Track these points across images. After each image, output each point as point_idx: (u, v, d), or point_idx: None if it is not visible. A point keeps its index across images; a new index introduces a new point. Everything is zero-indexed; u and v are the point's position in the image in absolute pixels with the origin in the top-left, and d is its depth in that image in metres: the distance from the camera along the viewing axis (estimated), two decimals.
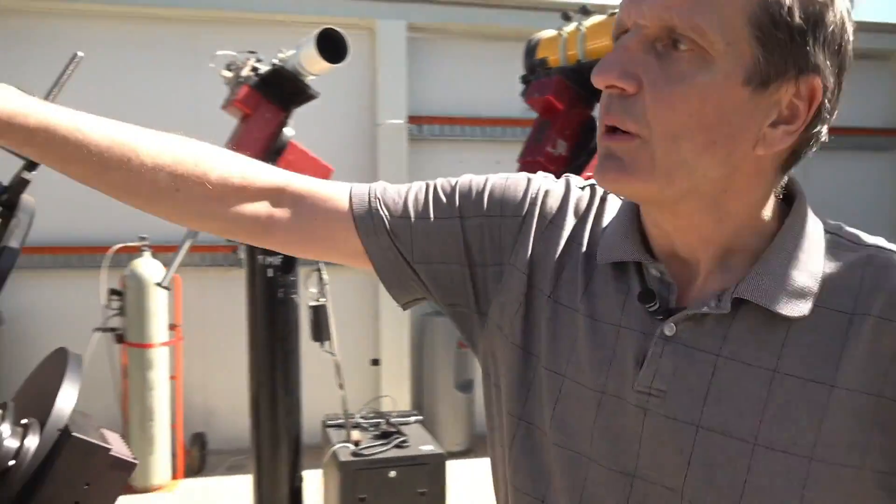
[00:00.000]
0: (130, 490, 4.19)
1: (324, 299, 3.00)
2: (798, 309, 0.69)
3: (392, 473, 2.83)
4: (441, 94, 4.89)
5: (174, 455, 4.37)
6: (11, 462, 0.78)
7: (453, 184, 0.88)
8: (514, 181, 0.87)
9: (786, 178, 0.74)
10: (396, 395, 4.71)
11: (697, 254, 0.73)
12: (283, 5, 4.74)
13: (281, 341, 2.87)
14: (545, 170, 2.57)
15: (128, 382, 4.19)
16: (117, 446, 0.88)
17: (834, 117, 0.70)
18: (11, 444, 0.78)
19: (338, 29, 2.72)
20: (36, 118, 0.73)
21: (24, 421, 0.84)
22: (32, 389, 0.95)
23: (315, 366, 3.23)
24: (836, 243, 0.72)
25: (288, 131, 2.88)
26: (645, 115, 0.65)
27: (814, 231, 0.72)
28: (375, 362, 4.80)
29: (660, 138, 0.66)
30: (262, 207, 0.85)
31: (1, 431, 0.79)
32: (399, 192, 0.88)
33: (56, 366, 0.90)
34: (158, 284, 2.90)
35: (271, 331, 2.86)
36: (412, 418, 3.30)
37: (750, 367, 0.70)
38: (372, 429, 3.13)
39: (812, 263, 0.71)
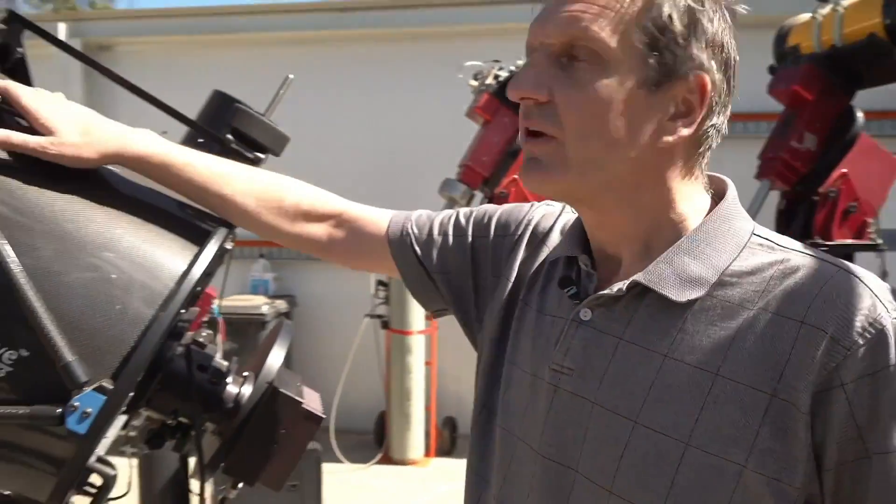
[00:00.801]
0: (389, 461, 4.67)
1: None
2: (685, 294, 0.74)
3: None
4: None
5: (427, 434, 4.78)
6: (231, 404, 0.99)
7: (471, 211, 1.04)
8: (517, 207, 1.01)
9: (724, 181, 0.82)
10: None
11: (620, 248, 0.81)
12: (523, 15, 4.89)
13: None
14: (788, 167, 2.34)
15: (390, 365, 4.68)
16: (311, 402, 1.07)
17: (728, 110, 0.77)
18: (233, 390, 0.99)
19: None
20: (159, 157, 0.95)
21: (244, 374, 1.06)
22: (260, 351, 1.17)
23: None
24: (759, 244, 0.77)
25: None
26: (558, 119, 0.73)
27: (736, 230, 0.77)
28: None
29: (571, 138, 0.74)
30: (322, 229, 1.05)
31: (227, 380, 1.01)
32: (430, 216, 1.04)
33: (276, 334, 1.11)
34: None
35: None
36: None
37: (645, 351, 0.74)
38: None
39: (718, 258, 0.76)
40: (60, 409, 0.77)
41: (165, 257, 0.89)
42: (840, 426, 0.67)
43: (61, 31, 5.35)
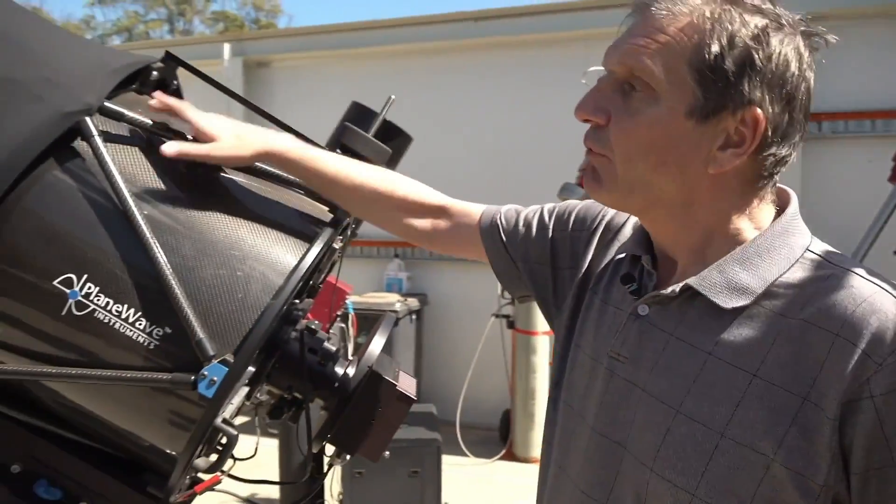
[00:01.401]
0: (512, 457, 4.77)
1: None
2: (732, 302, 0.80)
3: None
4: (845, 86, 4.37)
5: None
6: (337, 384, 1.15)
7: (554, 207, 1.14)
8: (595, 204, 1.07)
9: (788, 194, 0.87)
10: None
11: (675, 252, 0.87)
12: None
13: None
14: None
15: (515, 363, 4.78)
16: (405, 385, 1.21)
17: (798, 140, 0.79)
18: (339, 371, 1.15)
19: None
20: (296, 153, 1.13)
21: (350, 357, 1.22)
22: (367, 340, 1.33)
23: None
24: (811, 259, 0.82)
25: None
26: (609, 142, 0.80)
27: (790, 244, 0.82)
28: None
29: (619, 160, 0.80)
30: (427, 222, 1.19)
31: (334, 363, 1.17)
32: (518, 210, 1.15)
33: (379, 325, 1.27)
34: None
35: None
36: None
37: (692, 348, 0.81)
38: None
39: (768, 270, 0.81)
40: (193, 377, 0.95)
41: (279, 255, 1.06)
42: (868, 434, 0.72)
43: (225, 50, 5.93)
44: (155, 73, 1.19)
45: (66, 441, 1.12)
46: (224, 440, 1.06)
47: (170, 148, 1.03)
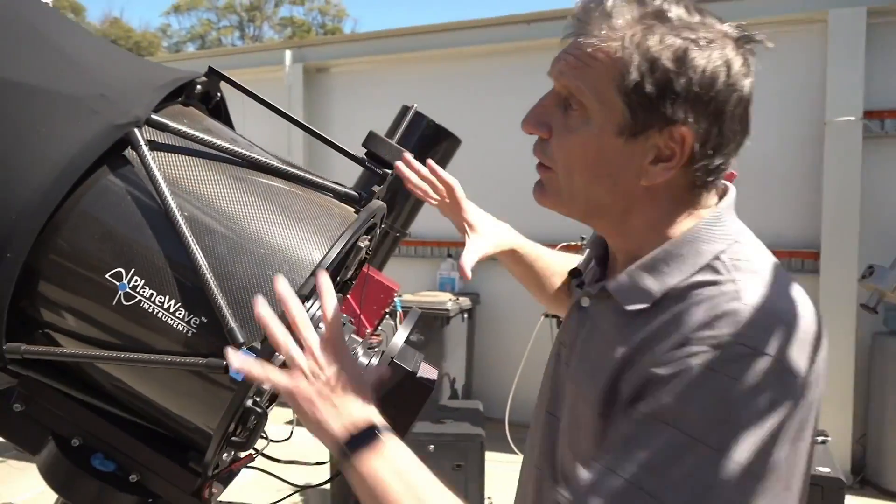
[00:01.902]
0: None
1: None
2: (633, 304, 0.86)
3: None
4: None
5: None
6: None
7: None
8: None
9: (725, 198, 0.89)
10: (836, 418, 4.32)
11: (616, 254, 0.92)
12: (736, 10, 4.75)
13: None
14: None
15: None
16: (425, 373, 1.29)
17: (732, 149, 0.83)
18: (364, 360, 1.24)
19: None
20: (532, 254, 1.38)
21: (374, 348, 1.31)
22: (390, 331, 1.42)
23: None
24: (715, 266, 0.83)
25: None
26: (552, 155, 0.86)
27: (701, 251, 0.84)
28: None
29: (561, 172, 0.85)
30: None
31: (358, 352, 1.26)
32: None
33: (406, 319, 1.36)
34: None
35: None
36: (819, 438, 3.08)
37: (602, 340, 0.88)
38: None
39: (671, 276, 0.84)
40: (225, 362, 1.06)
41: (305, 252, 1.15)
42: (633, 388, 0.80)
43: (287, 56, 6.14)
44: (199, 86, 1.31)
45: (119, 419, 1.25)
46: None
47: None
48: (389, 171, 1.35)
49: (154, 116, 1.15)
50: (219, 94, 1.39)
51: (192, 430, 1.22)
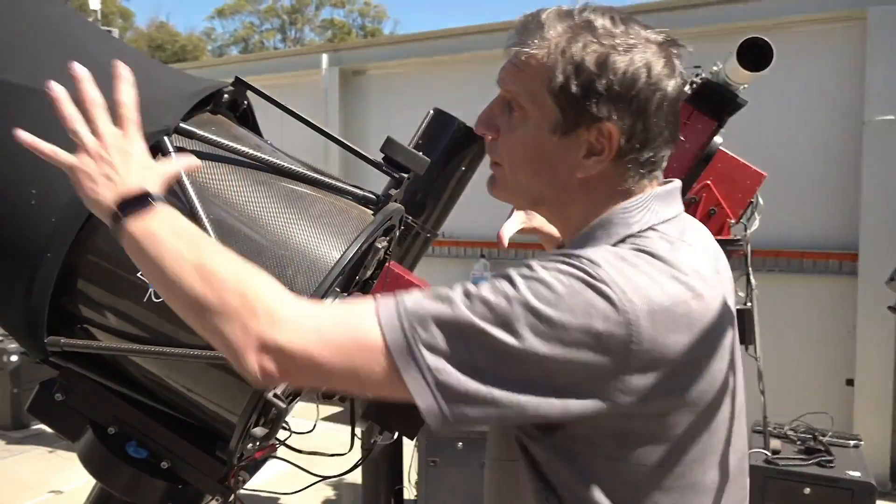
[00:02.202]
0: None
1: (750, 304, 3.02)
2: None
3: (807, 490, 2.71)
4: None
5: None
6: None
7: None
8: None
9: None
10: (874, 422, 4.24)
11: (565, 242, 1.01)
12: (773, 8, 4.69)
13: None
14: None
15: None
16: None
17: (661, 143, 0.91)
18: None
19: (762, 37, 2.72)
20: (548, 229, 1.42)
21: None
22: None
23: (775, 372, 3.28)
24: (619, 246, 0.89)
25: (718, 139, 3.00)
26: (500, 153, 0.94)
27: (611, 234, 0.91)
28: (850, 382, 4.40)
29: (507, 168, 0.96)
30: None
31: None
32: None
33: None
34: None
35: None
36: (852, 442, 3.04)
37: None
38: (799, 443, 3.01)
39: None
40: None
41: (323, 252, 1.21)
42: None
43: (324, 60, 6.25)
44: (226, 95, 1.38)
45: (151, 409, 1.32)
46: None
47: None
48: (406, 175, 1.40)
49: (182, 125, 1.23)
50: (245, 102, 1.46)
51: (218, 420, 1.29)
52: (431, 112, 3.68)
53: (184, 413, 1.33)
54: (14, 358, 5.35)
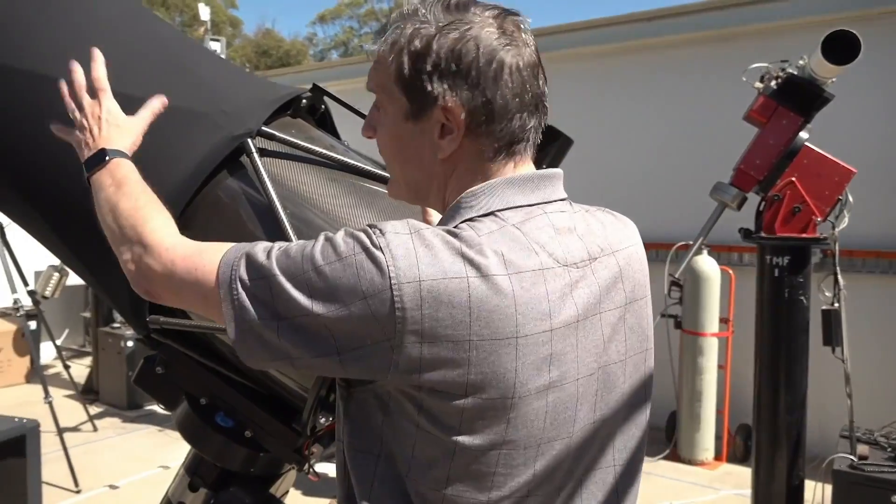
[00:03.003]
0: (676, 458, 4.73)
1: (837, 304, 2.92)
2: None
3: (894, 498, 2.61)
4: None
5: (719, 438, 4.70)
6: None
7: None
8: None
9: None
10: None
11: None
12: (822, 6, 4.50)
13: (786, 341, 2.94)
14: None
15: (682, 364, 4.73)
16: None
17: (512, 116, 0.92)
18: None
19: (848, 29, 2.63)
20: None
21: None
22: None
23: (872, 376, 3.16)
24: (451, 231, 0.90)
25: (803, 135, 2.92)
26: (380, 151, 0.99)
27: (454, 217, 0.93)
28: None
29: (387, 164, 1.03)
30: None
31: None
32: None
33: None
34: (672, 276, 3.30)
35: (775, 330, 2.95)
36: None
37: None
38: (889, 450, 2.89)
39: None
40: None
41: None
42: None
43: None
44: (304, 101, 1.52)
45: (237, 384, 1.48)
46: None
47: None
48: None
49: (264, 128, 1.37)
50: (323, 107, 1.60)
51: (294, 395, 1.43)
52: None
53: (264, 388, 1.47)
54: (130, 344, 5.81)
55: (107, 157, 1.13)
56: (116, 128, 1.17)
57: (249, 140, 1.35)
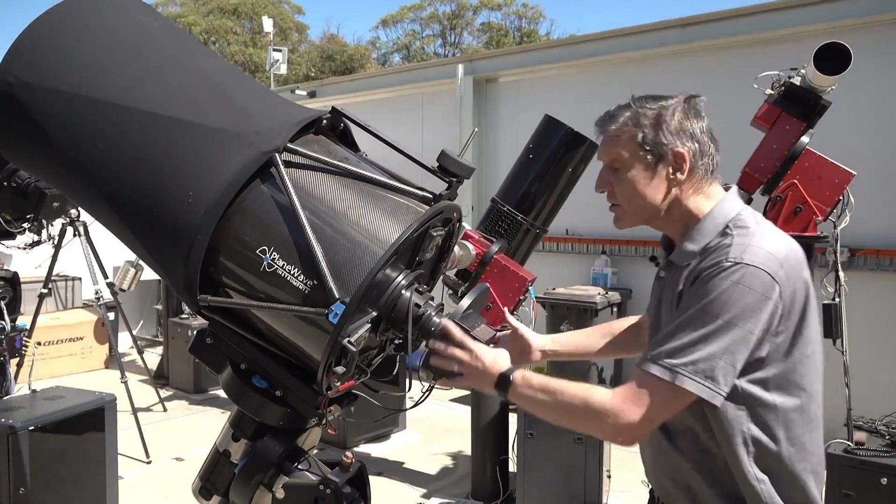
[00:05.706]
0: None
1: (838, 298, 3.09)
2: (684, 262, 1.61)
3: (884, 480, 2.78)
4: None
5: None
6: (433, 328, 1.71)
7: None
8: None
9: (729, 188, 1.74)
10: None
11: (674, 239, 1.59)
12: (839, 12, 4.57)
13: None
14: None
15: None
16: (479, 334, 1.74)
17: (710, 157, 1.67)
18: (437, 320, 1.72)
19: (839, 41, 2.80)
20: (566, 350, 2.40)
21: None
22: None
23: (876, 367, 3.29)
24: (725, 231, 1.60)
25: (805, 139, 3.09)
26: (618, 197, 1.56)
27: (717, 224, 1.51)
28: None
29: (624, 204, 1.56)
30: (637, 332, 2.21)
31: (432, 314, 1.73)
32: None
33: (471, 291, 1.81)
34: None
35: None
36: None
37: (670, 289, 1.56)
38: (888, 437, 3.04)
39: (703, 240, 1.62)
40: (326, 311, 1.57)
41: (388, 237, 1.63)
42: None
43: (459, 70, 6.74)
44: (325, 121, 1.85)
45: (270, 352, 1.81)
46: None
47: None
48: (454, 179, 1.79)
49: (290, 145, 1.70)
50: (342, 125, 1.93)
51: (312, 361, 1.75)
52: (543, 118, 4.06)
53: (291, 355, 1.80)
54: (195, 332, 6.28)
55: (511, 377, 1.66)
56: (497, 358, 1.70)
57: (277, 154, 1.67)
